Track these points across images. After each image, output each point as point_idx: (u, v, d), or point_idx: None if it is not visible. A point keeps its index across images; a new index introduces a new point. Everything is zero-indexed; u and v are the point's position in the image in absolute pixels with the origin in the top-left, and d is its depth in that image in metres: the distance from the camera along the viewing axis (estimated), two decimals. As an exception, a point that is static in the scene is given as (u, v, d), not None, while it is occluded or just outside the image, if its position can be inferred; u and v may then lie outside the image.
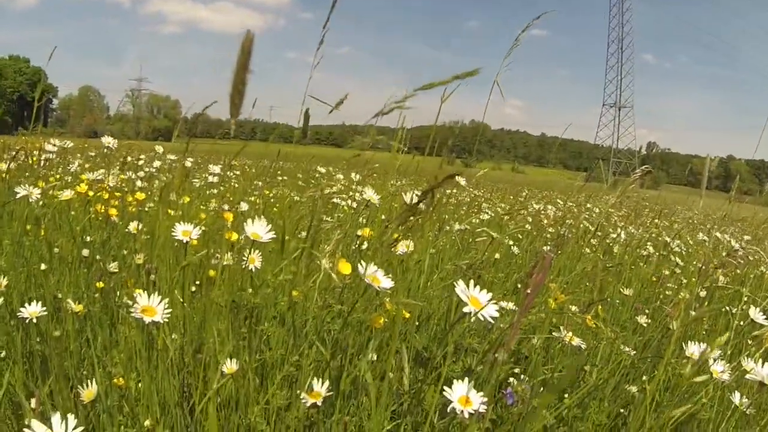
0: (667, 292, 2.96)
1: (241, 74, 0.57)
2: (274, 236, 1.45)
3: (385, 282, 1.26)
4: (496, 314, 1.11)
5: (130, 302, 1.31)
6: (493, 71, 1.71)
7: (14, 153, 2.89)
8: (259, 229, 1.45)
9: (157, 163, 4.69)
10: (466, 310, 1.08)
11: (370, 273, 1.23)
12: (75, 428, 0.97)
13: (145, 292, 1.35)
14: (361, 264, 1.22)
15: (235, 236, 1.83)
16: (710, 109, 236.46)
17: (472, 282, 1.13)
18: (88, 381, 1.38)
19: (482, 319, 1.07)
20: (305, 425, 1.43)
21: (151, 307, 1.31)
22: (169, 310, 1.34)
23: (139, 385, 1.49)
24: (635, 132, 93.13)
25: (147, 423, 1.36)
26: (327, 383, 1.31)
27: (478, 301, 1.10)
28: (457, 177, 2.34)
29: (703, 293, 2.53)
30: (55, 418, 0.97)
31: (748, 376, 1.43)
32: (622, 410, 1.77)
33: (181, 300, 1.76)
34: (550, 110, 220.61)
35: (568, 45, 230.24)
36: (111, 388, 1.50)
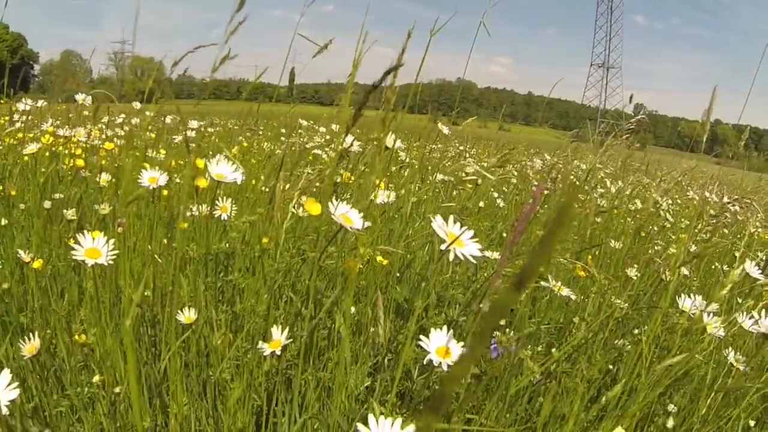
0: (656, 248, 2.90)
1: None
2: (240, 176, 1.35)
3: (358, 222, 1.14)
4: (479, 253, 1.00)
5: (73, 245, 1.20)
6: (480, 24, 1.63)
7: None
8: (224, 169, 1.35)
9: (135, 120, 4.57)
10: (443, 247, 0.97)
11: (341, 212, 1.11)
12: (9, 385, 0.88)
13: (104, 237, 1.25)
14: (332, 203, 1.11)
15: (204, 183, 1.73)
16: (699, 72, 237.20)
17: (451, 217, 1.01)
18: (32, 335, 1.27)
19: (462, 258, 0.97)
20: (275, 381, 1.35)
21: (95, 248, 1.20)
22: (116, 251, 1.23)
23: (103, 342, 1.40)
24: (623, 93, 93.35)
25: (95, 379, 1.27)
26: (287, 331, 1.21)
27: (459, 239, 0.99)
28: (439, 125, 2.25)
29: (693, 247, 2.47)
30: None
31: (751, 327, 1.37)
32: (611, 367, 1.70)
33: (150, 252, 1.67)
34: (538, 69, 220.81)
35: (556, 2, 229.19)
36: (73, 345, 1.41)
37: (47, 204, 2.01)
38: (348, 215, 1.13)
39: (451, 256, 0.96)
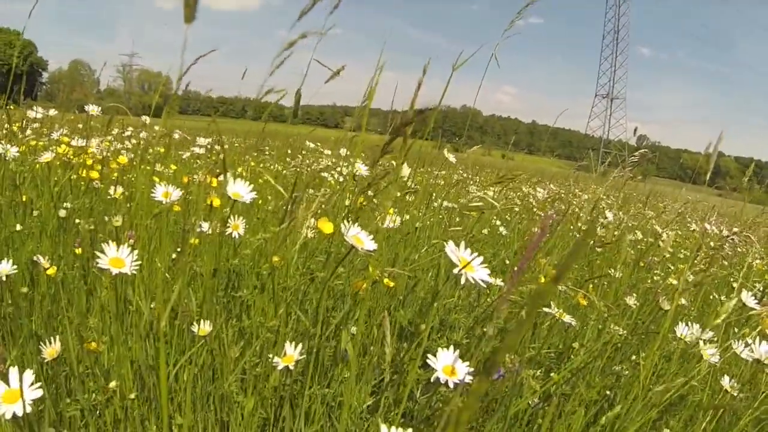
0: (655, 278, 2.93)
1: None
2: (255, 196, 1.39)
3: (369, 244, 1.19)
4: (489, 278, 1.04)
5: (99, 254, 1.24)
6: (487, 57, 1.68)
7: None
8: (240, 189, 1.39)
9: (143, 134, 4.62)
10: (455, 271, 1.01)
11: (353, 233, 1.16)
12: (33, 385, 0.92)
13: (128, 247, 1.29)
14: (344, 224, 1.15)
15: (217, 201, 1.77)
16: (703, 104, 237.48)
17: (462, 243, 1.06)
18: (52, 339, 1.31)
19: (472, 281, 1.01)
20: (282, 395, 1.38)
21: (119, 258, 1.25)
22: (139, 262, 1.28)
23: (113, 350, 1.44)
24: (626, 123, 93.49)
25: (112, 384, 1.30)
26: (300, 347, 1.25)
27: (469, 264, 1.03)
28: (445, 152, 2.30)
29: (691, 277, 2.50)
30: (13, 373, 0.92)
31: (744, 354, 1.41)
32: (608, 392, 1.74)
33: (160, 267, 1.71)
34: (543, 98, 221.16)
35: (563, 34, 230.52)
36: (83, 352, 1.44)
37: (62, 212, 2.05)
38: (359, 236, 1.17)
39: (462, 280, 1.00)
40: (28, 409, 0.91)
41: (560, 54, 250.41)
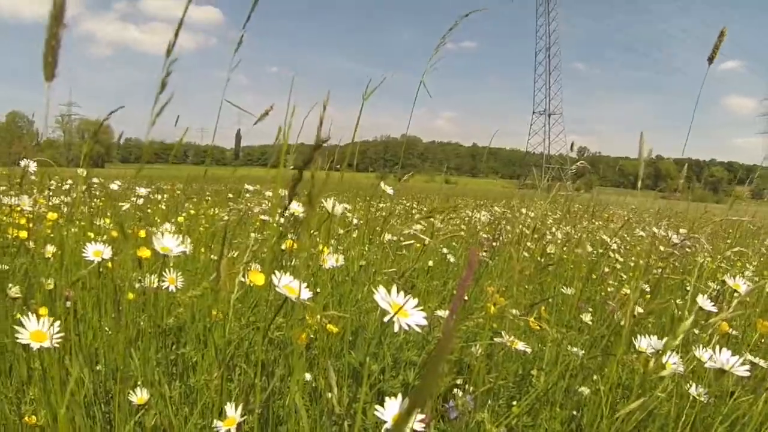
0: (609, 289, 2.93)
1: (54, 29, 0.51)
2: (185, 250, 1.33)
3: (303, 293, 1.13)
4: (424, 322, 0.99)
5: (18, 328, 1.16)
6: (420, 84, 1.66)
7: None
8: (169, 242, 1.33)
9: (82, 188, 4.50)
10: (386, 319, 0.95)
11: (284, 283, 1.10)
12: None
13: (60, 318, 1.22)
14: (275, 274, 1.09)
15: (146, 253, 1.70)
16: (639, 112, 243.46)
17: (394, 288, 1.00)
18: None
19: (407, 328, 0.95)
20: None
21: (40, 331, 1.17)
22: (61, 334, 1.20)
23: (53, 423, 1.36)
24: (566, 138, 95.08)
25: None
26: (240, 408, 1.18)
27: (403, 309, 0.97)
28: (382, 185, 2.26)
29: (646, 287, 2.50)
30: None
31: (707, 364, 1.39)
32: (575, 413, 1.70)
33: (99, 326, 1.63)
34: (482, 120, 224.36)
35: (497, 55, 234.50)
36: (22, 427, 1.36)
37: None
38: (292, 286, 1.12)
39: (396, 327, 0.94)
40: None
41: (496, 75, 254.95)
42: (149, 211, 4.09)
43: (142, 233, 1.89)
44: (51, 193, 4.07)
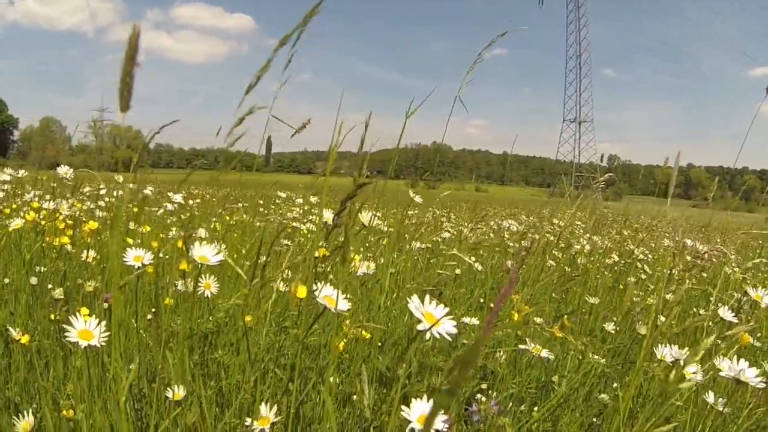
0: (634, 299, 2.95)
1: (128, 67, 0.56)
2: (222, 259, 1.40)
3: (342, 304, 1.21)
4: (454, 330, 1.05)
5: (67, 327, 1.24)
6: (454, 93, 1.69)
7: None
8: (207, 252, 1.40)
9: (118, 193, 4.61)
10: (420, 327, 1.02)
11: (325, 294, 1.18)
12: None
13: (95, 318, 1.29)
14: (316, 284, 1.17)
15: (185, 265, 1.77)
16: (670, 119, 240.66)
17: (427, 297, 1.07)
18: (26, 412, 1.31)
19: (438, 336, 1.02)
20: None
21: (88, 330, 1.25)
22: (107, 333, 1.27)
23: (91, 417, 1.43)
24: (596, 146, 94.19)
25: None
26: (276, 408, 1.25)
27: (434, 317, 1.04)
28: (411, 193, 2.32)
29: (670, 296, 2.52)
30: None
31: (722, 373, 1.43)
32: (595, 419, 1.74)
33: (136, 328, 1.70)
34: (512, 128, 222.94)
35: (528, 63, 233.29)
36: (60, 421, 1.43)
37: (34, 280, 2.04)
38: (332, 297, 1.19)
39: (428, 336, 1.01)
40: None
41: (527, 82, 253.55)
42: (182, 216, 4.17)
43: (181, 243, 1.96)
44: (86, 198, 4.17)
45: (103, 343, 1.26)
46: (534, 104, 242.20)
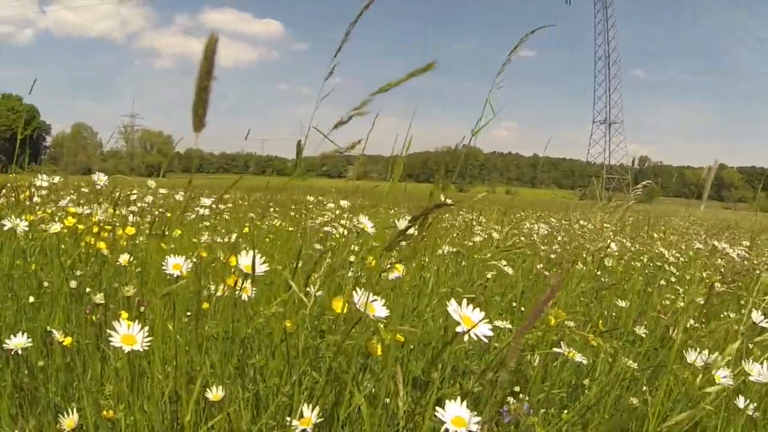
0: (664, 302, 2.95)
1: (204, 82, 0.53)
2: (267, 269, 1.45)
3: (380, 311, 1.26)
4: (490, 333, 1.09)
5: (110, 332, 1.29)
6: (484, 94, 1.71)
7: (2, 189, 2.88)
8: (247, 261, 1.44)
9: (149, 198, 4.68)
10: (458, 329, 1.06)
11: (365, 301, 1.23)
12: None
13: (134, 322, 1.34)
14: (356, 292, 1.22)
15: (232, 281, 1.82)
16: (701, 119, 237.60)
17: (465, 301, 1.11)
18: (70, 410, 1.36)
19: (475, 338, 1.06)
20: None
21: (131, 335, 1.29)
22: (150, 338, 1.32)
23: (130, 417, 1.47)
24: (626, 147, 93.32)
25: None
26: (317, 409, 1.29)
27: (471, 320, 1.08)
28: (447, 203, 2.35)
29: (700, 300, 2.53)
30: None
31: (752, 378, 1.44)
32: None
33: (173, 332, 1.74)
34: (541, 130, 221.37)
35: (557, 64, 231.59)
36: (100, 421, 1.47)
37: (73, 283, 2.10)
38: (372, 305, 1.24)
39: (465, 338, 1.05)
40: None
41: (556, 84, 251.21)
42: (214, 221, 4.23)
43: (233, 260, 2.02)
44: (119, 202, 4.24)
45: (146, 347, 1.30)
46: (563, 106, 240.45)
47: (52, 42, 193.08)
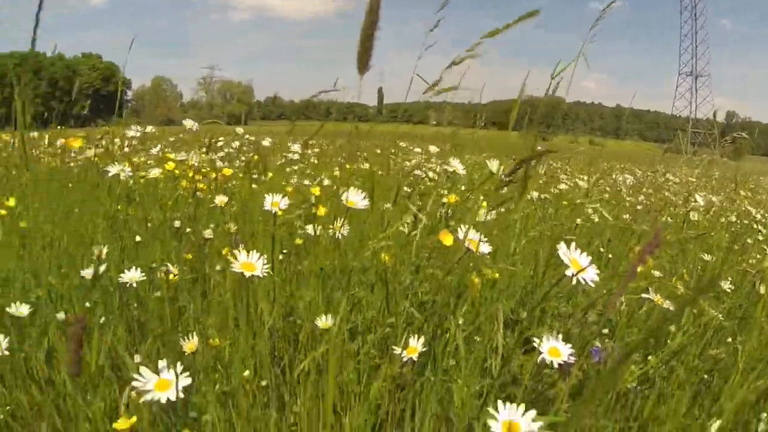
0: (750, 260, 2.92)
1: (369, 30, 0.59)
2: (368, 204, 1.52)
3: (483, 247, 1.33)
4: (596, 277, 1.14)
5: (231, 259, 1.38)
6: (573, 46, 1.72)
7: (99, 138, 3.02)
8: (354, 197, 1.52)
9: (236, 143, 4.82)
10: (567, 273, 1.11)
11: (470, 238, 1.30)
12: (182, 373, 1.07)
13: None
14: (460, 228, 1.29)
15: (323, 211, 1.90)
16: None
17: (573, 244, 1.16)
18: (187, 337, 1.47)
19: (583, 282, 1.11)
20: (397, 384, 1.49)
21: (250, 263, 1.38)
22: (269, 265, 1.41)
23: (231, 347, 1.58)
24: (713, 101, 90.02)
25: (246, 373, 1.42)
26: (422, 339, 1.37)
27: (579, 264, 1.13)
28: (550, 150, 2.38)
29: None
30: (162, 364, 1.07)
31: None
32: (705, 376, 1.78)
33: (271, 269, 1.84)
34: (627, 82, 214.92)
35: (643, 14, 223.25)
36: (206, 349, 1.57)
37: (177, 223, 2.23)
38: (475, 240, 1.31)
39: (574, 281, 1.10)
40: (180, 395, 1.06)
41: (642, 34, 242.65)
42: (303, 164, 4.33)
43: (316, 190, 2.09)
44: (210, 149, 4.37)
45: (265, 274, 1.39)
46: (649, 57, 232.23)
47: (125, 3, 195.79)
